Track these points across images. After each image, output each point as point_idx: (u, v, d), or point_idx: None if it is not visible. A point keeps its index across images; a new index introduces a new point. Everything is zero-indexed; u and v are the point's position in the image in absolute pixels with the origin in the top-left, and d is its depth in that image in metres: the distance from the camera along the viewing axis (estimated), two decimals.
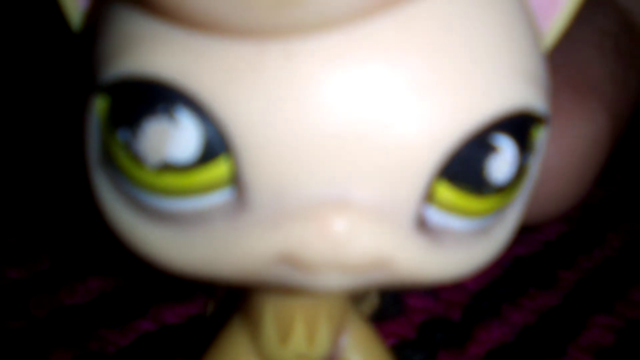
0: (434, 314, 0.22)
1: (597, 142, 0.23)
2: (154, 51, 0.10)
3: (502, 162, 0.10)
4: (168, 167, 0.10)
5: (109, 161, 0.11)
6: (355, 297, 0.18)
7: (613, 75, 0.24)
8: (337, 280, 0.10)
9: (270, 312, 0.14)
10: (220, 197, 0.10)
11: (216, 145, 0.10)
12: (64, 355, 0.19)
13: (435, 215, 0.10)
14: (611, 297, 0.24)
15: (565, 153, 0.22)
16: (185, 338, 0.20)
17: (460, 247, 0.11)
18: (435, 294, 0.23)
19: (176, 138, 0.10)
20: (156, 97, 0.10)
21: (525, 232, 0.27)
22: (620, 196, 0.33)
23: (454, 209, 0.10)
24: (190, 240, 0.10)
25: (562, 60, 0.23)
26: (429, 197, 0.10)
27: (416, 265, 0.11)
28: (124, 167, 0.10)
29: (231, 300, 0.17)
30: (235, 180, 0.10)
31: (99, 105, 0.10)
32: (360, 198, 0.10)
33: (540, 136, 0.11)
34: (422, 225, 0.10)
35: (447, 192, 0.10)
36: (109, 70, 0.10)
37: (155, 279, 0.22)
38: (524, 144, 0.11)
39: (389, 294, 0.22)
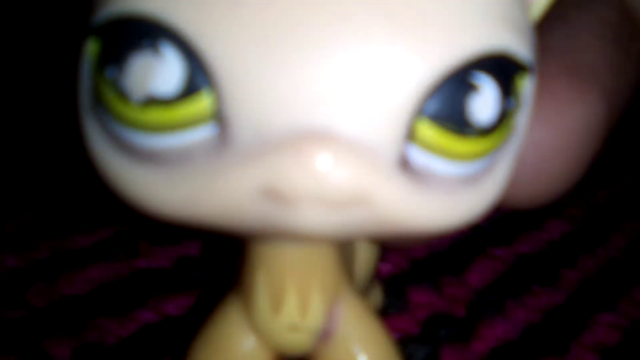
0: (438, 310, 0.22)
1: (592, 127, 0.23)
2: None
3: (483, 102, 0.11)
4: (152, 102, 0.10)
5: (98, 103, 0.11)
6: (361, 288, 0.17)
7: (611, 63, 0.24)
8: (318, 217, 0.10)
9: (262, 281, 0.14)
10: (202, 133, 0.10)
11: (199, 80, 0.10)
12: (63, 345, 0.19)
13: (418, 155, 0.11)
14: (615, 296, 0.24)
15: (561, 135, 0.22)
16: (187, 329, 0.20)
17: (446, 194, 0.11)
18: (439, 290, 0.23)
19: (160, 72, 0.10)
20: (141, 32, 0.10)
21: (529, 230, 0.27)
22: (623, 196, 0.33)
23: (437, 150, 0.11)
24: (173, 179, 0.11)
25: (560, 46, 0.23)
26: (411, 135, 0.10)
27: (398, 205, 0.11)
28: (111, 105, 0.10)
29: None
30: (218, 115, 0.10)
31: (91, 48, 0.11)
32: (342, 132, 0.10)
33: (526, 86, 0.11)
34: (405, 164, 0.11)
35: (429, 131, 0.10)
36: (99, 13, 0.10)
37: (156, 269, 0.22)
38: (507, 89, 0.11)
39: (393, 290, 0.22)
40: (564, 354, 0.21)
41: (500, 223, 0.28)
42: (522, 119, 0.12)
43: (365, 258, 0.18)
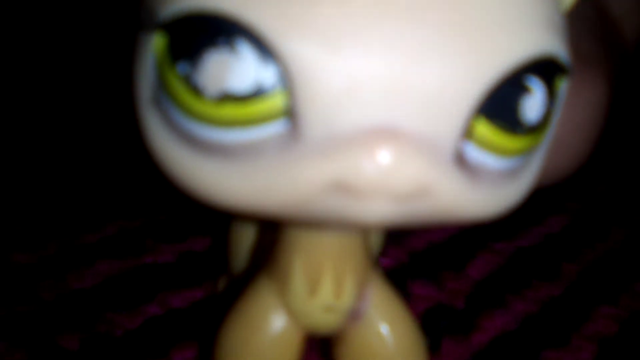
0: (438, 302, 0.22)
1: (601, 104, 0.26)
2: None
3: (533, 103, 0.11)
4: (227, 98, 0.10)
5: (164, 97, 0.11)
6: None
7: (602, 50, 0.28)
8: (383, 209, 0.11)
9: (300, 265, 0.15)
10: (274, 128, 0.11)
11: (273, 77, 0.10)
12: (72, 338, 0.19)
13: (473, 152, 0.11)
14: (615, 289, 0.24)
15: (578, 113, 0.25)
16: (192, 322, 0.20)
17: (493, 186, 0.12)
18: (439, 283, 0.23)
19: (236, 69, 0.10)
20: (217, 30, 0.10)
21: (529, 225, 0.28)
22: (623, 190, 0.33)
23: (490, 147, 0.11)
24: (243, 172, 0.11)
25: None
26: (468, 133, 0.11)
27: (454, 198, 0.11)
28: (182, 101, 0.11)
29: (243, 278, 0.18)
30: (290, 112, 0.11)
31: (157, 43, 0.11)
32: (406, 130, 0.10)
33: (563, 87, 0.12)
34: (461, 160, 0.11)
35: (484, 130, 0.11)
36: (166, 9, 0.11)
37: (162, 264, 0.23)
38: (551, 89, 0.12)
39: (394, 283, 0.22)
40: (563, 345, 0.21)
41: (500, 218, 0.28)
42: (557, 114, 0.13)
43: (374, 240, 0.18)
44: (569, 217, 0.29)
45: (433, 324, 0.21)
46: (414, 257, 0.25)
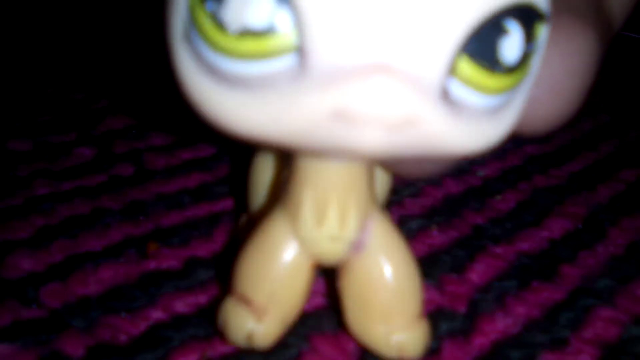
0: (439, 306, 0.22)
1: (591, 53, 0.28)
2: None
3: (512, 44, 0.13)
4: (246, 33, 0.12)
5: (194, 33, 0.13)
6: None
7: (595, 12, 0.30)
8: (377, 137, 0.13)
9: (309, 199, 0.16)
10: (285, 62, 0.12)
11: (286, 16, 0.12)
12: (77, 344, 0.19)
13: (457, 88, 0.13)
14: (615, 292, 0.24)
15: (569, 59, 0.27)
16: (197, 327, 0.20)
17: (475, 122, 0.13)
18: (440, 288, 0.23)
19: (255, 7, 0.12)
20: None
21: (530, 228, 0.28)
22: (624, 193, 0.33)
23: (473, 84, 0.13)
24: (259, 101, 0.13)
25: None
26: (452, 70, 0.13)
27: (439, 129, 0.13)
28: (209, 35, 0.13)
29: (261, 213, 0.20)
30: (299, 47, 0.12)
31: None
32: (399, 65, 0.12)
33: (542, 33, 0.14)
34: (446, 95, 0.13)
35: (467, 67, 0.13)
36: None
37: (165, 269, 0.23)
38: (529, 33, 0.13)
39: None
40: (564, 348, 0.21)
41: (500, 222, 0.28)
42: (536, 61, 0.14)
43: (381, 184, 0.20)
44: (569, 221, 0.29)
45: (434, 328, 0.21)
46: (417, 262, 0.25)
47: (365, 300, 0.18)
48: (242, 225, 0.23)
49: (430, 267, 0.24)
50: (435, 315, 0.22)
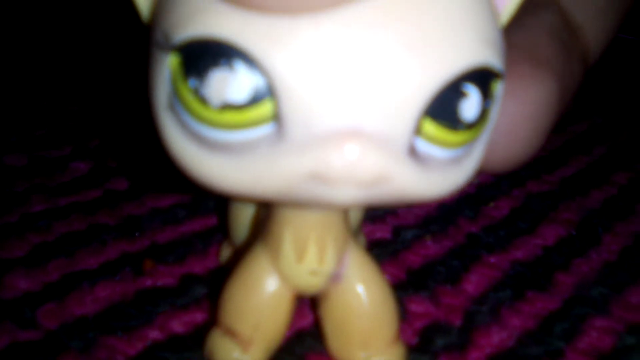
0: (435, 319, 0.22)
1: (549, 100, 0.31)
2: (217, 19, 0.13)
3: (470, 105, 0.14)
4: (227, 107, 0.13)
5: (178, 105, 0.14)
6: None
7: (558, 55, 0.33)
8: (350, 194, 0.14)
9: (289, 237, 0.17)
10: (264, 130, 0.13)
11: (263, 90, 0.13)
12: None
13: (422, 145, 0.14)
14: (609, 301, 0.24)
15: (527, 107, 0.30)
16: (193, 346, 0.20)
17: (440, 172, 0.15)
18: (436, 299, 0.23)
19: (234, 84, 0.13)
20: (220, 53, 0.13)
21: (523, 236, 0.28)
22: (617, 199, 0.33)
23: (436, 141, 0.14)
24: (240, 164, 0.14)
25: (521, 42, 0.32)
26: (417, 130, 0.14)
27: (408, 183, 0.14)
28: (192, 109, 0.13)
29: (244, 248, 0.21)
30: (277, 117, 0.13)
31: (172, 61, 0.14)
32: (369, 129, 0.13)
33: (498, 89, 0.15)
34: (413, 152, 0.14)
35: (431, 127, 0.14)
36: (181, 34, 0.13)
37: (161, 287, 0.23)
38: (486, 93, 0.14)
39: None
40: None
41: (494, 230, 0.28)
42: (494, 112, 0.15)
43: (354, 215, 0.21)
44: (563, 228, 0.29)
45: (430, 342, 0.21)
46: (411, 273, 0.25)
47: (344, 327, 0.19)
48: (225, 259, 0.24)
49: (425, 278, 0.25)
50: (430, 329, 0.22)
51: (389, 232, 0.27)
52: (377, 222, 0.28)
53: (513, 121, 0.30)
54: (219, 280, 0.23)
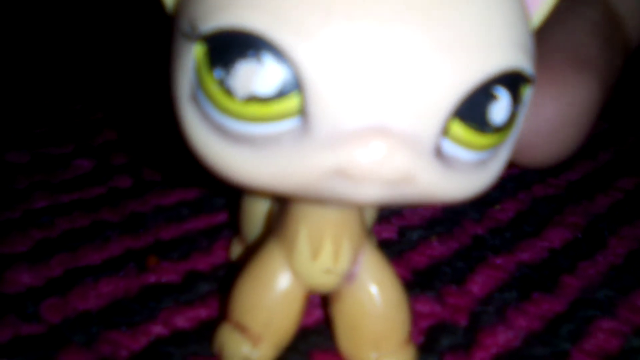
0: (441, 319, 0.22)
1: (591, 102, 0.31)
2: (246, 10, 0.12)
3: (499, 108, 0.14)
4: (253, 99, 0.13)
5: (201, 96, 0.13)
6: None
7: (601, 53, 0.33)
8: (374, 192, 0.13)
9: (305, 234, 0.17)
10: (290, 124, 0.13)
11: (290, 84, 0.13)
12: (77, 359, 0.19)
13: (449, 146, 0.14)
14: (615, 303, 0.24)
15: (569, 109, 0.30)
16: (197, 341, 0.20)
17: (465, 174, 0.14)
18: (441, 300, 0.23)
19: (261, 76, 0.13)
20: (248, 44, 0.13)
21: (530, 238, 0.28)
22: (622, 201, 0.33)
23: (463, 143, 0.14)
24: (263, 158, 0.13)
25: (563, 42, 0.32)
26: (445, 131, 0.14)
27: (433, 183, 0.14)
28: (216, 100, 0.13)
29: (256, 244, 0.21)
30: (303, 111, 0.13)
31: (197, 51, 0.13)
32: (396, 128, 0.13)
33: (527, 93, 0.15)
34: (439, 153, 0.14)
35: (459, 129, 0.14)
36: (209, 24, 0.13)
37: (165, 283, 0.23)
38: (515, 97, 0.14)
39: None
40: None
41: (500, 232, 0.28)
42: (521, 116, 0.15)
43: (369, 214, 0.21)
44: (569, 231, 0.29)
45: (436, 342, 0.21)
46: (417, 274, 0.25)
47: (356, 327, 0.19)
48: (236, 255, 0.24)
49: (431, 279, 0.24)
50: (436, 329, 0.22)
51: (395, 232, 0.27)
52: (382, 223, 0.28)
53: (556, 123, 0.30)
54: (226, 276, 0.23)
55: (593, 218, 0.31)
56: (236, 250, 0.24)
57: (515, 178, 0.34)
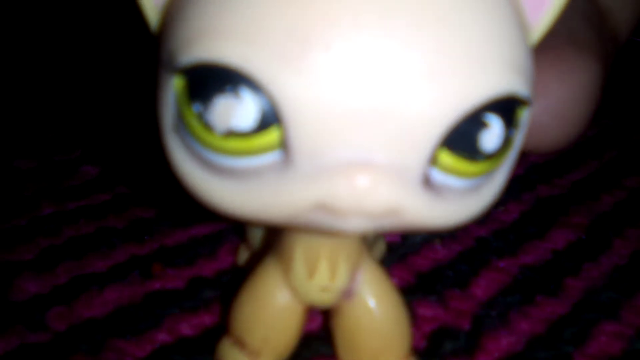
0: (443, 323, 0.22)
1: (594, 82, 0.32)
2: (223, 43, 0.12)
3: (491, 136, 0.13)
4: (232, 134, 0.13)
5: (183, 128, 0.13)
6: (368, 243, 0.21)
7: (597, 38, 0.34)
8: (359, 224, 0.13)
9: (300, 252, 0.17)
10: (271, 157, 0.13)
11: (270, 117, 0.12)
12: None
13: (438, 175, 0.13)
14: (619, 305, 0.24)
15: (574, 90, 0.31)
16: (201, 349, 0.20)
17: (456, 201, 0.14)
18: (444, 304, 0.23)
19: (239, 111, 0.12)
20: (225, 79, 0.12)
21: (533, 240, 0.28)
22: (627, 201, 0.33)
23: (452, 171, 0.13)
24: (246, 190, 0.13)
25: (559, 27, 0.30)
26: (433, 161, 0.13)
27: (421, 214, 0.13)
28: (196, 133, 0.13)
29: (260, 253, 0.21)
30: (284, 144, 0.13)
31: (177, 83, 0.13)
32: (380, 160, 0.12)
33: (524, 115, 0.14)
34: (427, 182, 0.13)
35: (447, 158, 0.13)
36: (185, 56, 0.13)
37: (170, 290, 0.23)
38: (510, 121, 0.13)
39: None
40: None
41: (504, 234, 0.28)
42: (519, 138, 0.14)
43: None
44: (573, 232, 0.29)
45: (438, 346, 0.21)
46: (420, 277, 0.25)
47: (355, 342, 0.19)
48: (242, 262, 0.24)
49: (434, 282, 0.24)
50: (439, 333, 0.22)
51: (398, 235, 0.27)
52: None
53: (562, 104, 0.31)
54: (231, 282, 0.23)
55: (597, 218, 0.31)
56: (243, 255, 0.24)
57: (520, 178, 0.34)
